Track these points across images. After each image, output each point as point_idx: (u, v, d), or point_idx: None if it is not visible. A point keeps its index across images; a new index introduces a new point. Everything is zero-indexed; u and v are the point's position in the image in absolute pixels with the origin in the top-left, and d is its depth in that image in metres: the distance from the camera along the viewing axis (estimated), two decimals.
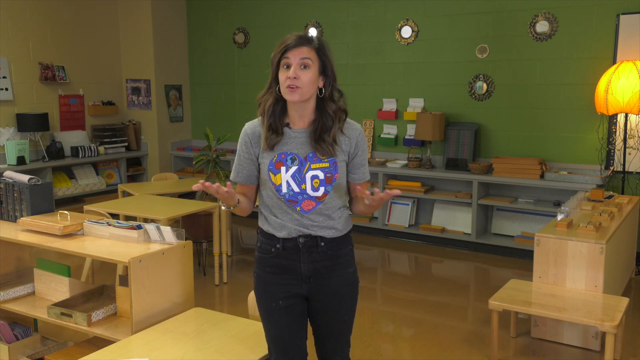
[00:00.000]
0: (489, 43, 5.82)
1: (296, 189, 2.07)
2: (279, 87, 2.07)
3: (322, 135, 2.08)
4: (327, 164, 2.08)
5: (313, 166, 2.07)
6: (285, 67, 2.02)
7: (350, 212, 2.23)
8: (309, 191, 2.07)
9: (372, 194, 1.98)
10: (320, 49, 2.07)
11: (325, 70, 2.08)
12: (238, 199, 2.09)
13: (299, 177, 2.07)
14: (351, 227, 2.21)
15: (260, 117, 2.15)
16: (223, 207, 2.12)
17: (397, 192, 1.92)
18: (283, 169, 2.07)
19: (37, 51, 6.67)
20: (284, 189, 2.07)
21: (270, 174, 2.09)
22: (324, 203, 2.09)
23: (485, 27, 5.82)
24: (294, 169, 2.07)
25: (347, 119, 2.16)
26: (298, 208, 2.08)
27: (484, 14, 5.81)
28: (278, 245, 2.11)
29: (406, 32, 6.25)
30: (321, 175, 2.07)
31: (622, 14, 5.14)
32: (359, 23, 6.53)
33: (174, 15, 7.64)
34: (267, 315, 2.17)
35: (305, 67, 2.02)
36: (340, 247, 2.15)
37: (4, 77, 6.36)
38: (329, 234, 2.12)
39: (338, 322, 2.20)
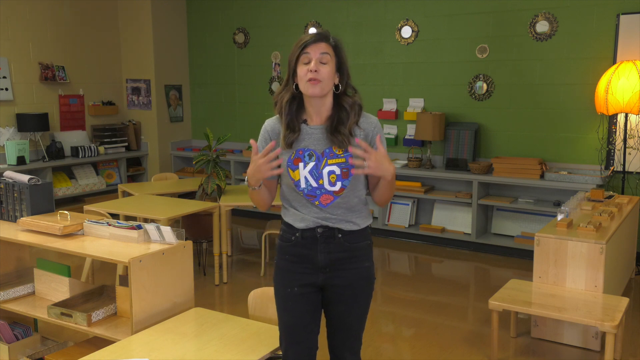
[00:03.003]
0: (489, 43, 5.82)
1: (314, 184, 2.12)
2: (296, 84, 2.13)
3: (338, 127, 2.13)
4: (343, 159, 2.12)
5: (330, 162, 2.12)
6: (304, 62, 2.08)
7: (369, 207, 2.26)
8: (327, 186, 2.12)
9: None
10: (337, 46, 2.14)
11: (341, 67, 2.15)
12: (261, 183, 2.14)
13: (316, 173, 2.12)
14: (370, 222, 2.26)
15: (278, 115, 2.20)
16: (245, 183, 2.17)
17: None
18: (301, 164, 2.13)
19: (37, 51, 6.67)
20: (303, 184, 2.13)
21: (289, 170, 2.15)
22: (342, 197, 2.14)
23: (485, 27, 5.82)
24: (311, 164, 2.12)
25: (364, 112, 2.20)
26: (317, 202, 2.14)
27: (484, 14, 5.81)
28: (297, 234, 2.17)
29: (406, 32, 6.25)
30: (337, 170, 2.12)
31: (622, 14, 5.14)
32: (359, 23, 6.53)
33: (174, 15, 7.65)
34: (282, 301, 2.22)
35: (324, 62, 2.08)
36: (357, 241, 2.20)
37: (4, 77, 6.36)
38: (347, 227, 2.17)
39: (350, 316, 2.23)
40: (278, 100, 2.17)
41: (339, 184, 2.12)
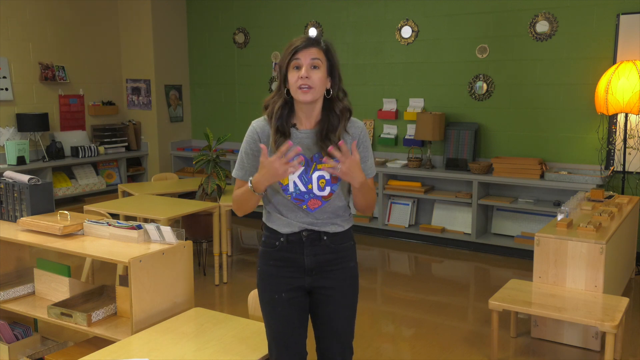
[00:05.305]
0: (489, 43, 5.82)
1: (303, 189, 2.10)
2: (287, 90, 2.09)
3: (329, 134, 2.10)
4: (332, 164, 2.09)
5: (319, 166, 2.10)
6: (295, 68, 2.06)
7: (351, 211, 2.25)
8: (315, 191, 2.10)
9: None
10: (327, 50, 2.11)
11: (333, 71, 2.12)
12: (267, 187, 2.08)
13: (305, 178, 2.10)
14: (352, 223, 2.26)
15: (266, 117, 2.16)
16: (249, 186, 2.05)
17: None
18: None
19: (37, 51, 6.67)
20: (291, 189, 2.10)
21: None
22: (330, 202, 2.13)
23: (485, 27, 5.82)
24: (300, 169, 2.09)
25: (351, 117, 2.18)
26: (304, 207, 2.11)
27: (484, 14, 5.81)
28: (282, 239, 2.14)
29: (406, 32, 6.25)
30: (327, 175, 2.10)
31: (622, 14, 5.14)
32: (359, 23, 6.53)
33: (174, 15, 7.64)
34: (269, 307, 2.19)
35: (315, 67, 2.06)
36: (342, 242, 2.19)
37: (4, 77, 6.36)
38: (332, 229, 2.16)
39: (339, 319, 2.21)
40: (270, 104, 2.13)
41: (328, 189, 2.10)
